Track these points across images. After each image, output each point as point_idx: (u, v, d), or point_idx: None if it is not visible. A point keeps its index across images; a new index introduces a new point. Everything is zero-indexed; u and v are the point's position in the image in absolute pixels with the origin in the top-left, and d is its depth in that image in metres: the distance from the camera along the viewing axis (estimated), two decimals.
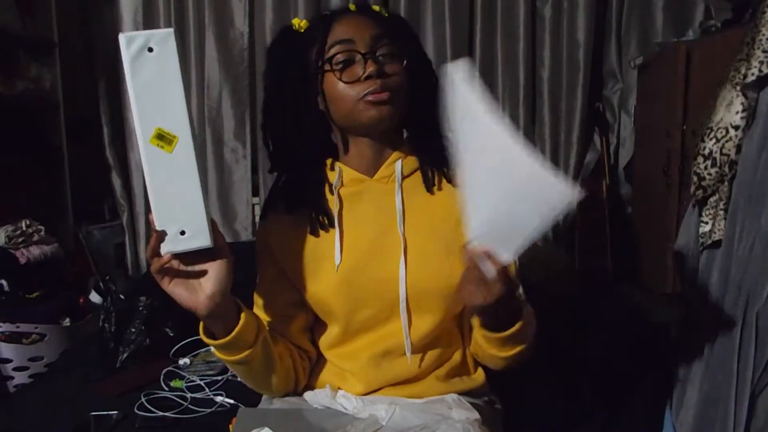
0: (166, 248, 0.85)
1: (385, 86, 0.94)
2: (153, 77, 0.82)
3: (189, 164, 0.84)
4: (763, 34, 1.15)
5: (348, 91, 0.95)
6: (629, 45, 2.49)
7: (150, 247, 0.85)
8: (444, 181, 1.04)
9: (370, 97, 0.94)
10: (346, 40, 0.95)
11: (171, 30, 0.82)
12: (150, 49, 0.81)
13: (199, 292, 0.87)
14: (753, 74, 1.16)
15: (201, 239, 0.86)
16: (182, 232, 0.85)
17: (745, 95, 1.19)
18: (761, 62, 1.15)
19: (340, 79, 0.95)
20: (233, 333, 0.91)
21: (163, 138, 0.83)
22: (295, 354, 1.06)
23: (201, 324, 0.93)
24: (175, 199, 0.85)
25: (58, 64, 2.41)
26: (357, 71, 0.95)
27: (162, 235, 0.84)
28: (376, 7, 1.07)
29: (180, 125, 0.83)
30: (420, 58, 1.03)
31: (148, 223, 2.56)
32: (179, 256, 0.86)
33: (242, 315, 0.93)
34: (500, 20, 2.47)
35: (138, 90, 0.82)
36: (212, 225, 0.87)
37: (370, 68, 0.93)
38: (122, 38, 0.81)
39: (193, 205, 0.85)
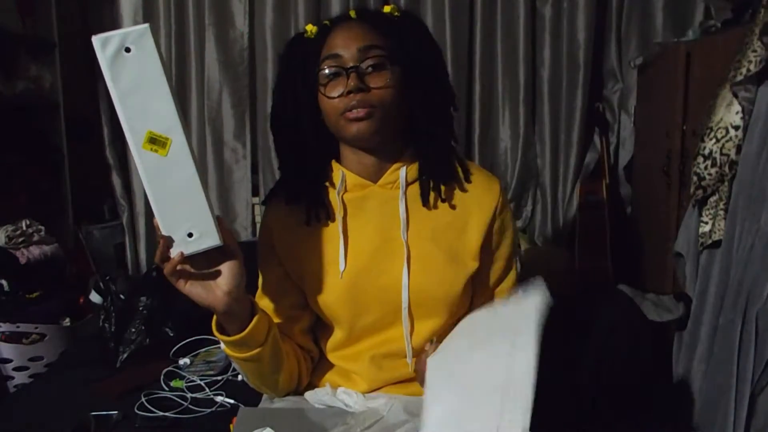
0: (175, 252, 0.84)
1: (366, 101, 0.93)
2: (135, 79, 0.78)
3: (187, 164, 0.82)
4: (755, 34, 1.16)
5: (332, 106, 0.96)
6: (629, 45, 2.49)
7: (158, 253, 0.84)
8: (443, 190, 1.02)
9: (349, 114, 0.94)
10: (334, 55, 0.95)
11: (147, 26, 0.77)
12: (127, 50, 0.77)
13: (215, 289, 0.88)
14: (741, 74, 1.17)
15: (210, 239, 0.85)
16: (190, 235, 0.83)
17: (736, 94, 1.20)
18: (750, 62, 1.16)
19: (325, 95, 0.96)
20: (246, 330, 0.92)
21: (156, 141, 0.80)
22: (299, 353, 1.06)
23: (213, 320, 0.94)
24: (177, 202, 0.83)
25: (58, 64, 2.41)
26: (340, 86, 0.95)
27: (169, 241, 0.83)
28: (388, 8, 1.04)
29: (171, 125, 0.80)
30: (425, 62, 1.00)
31: (148, 223, 2.59)
32: (191, 257, 0.85)
33: (256, 312, 0.93)
34: (500, 20, 2.47)
35: (121, 95, 0.78)
36: (219, 222, 0.85)
37: (351, 83, 0.93)
38: (96, 41, 0.77)
39: (197, 206, 0.83)
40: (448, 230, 1.02)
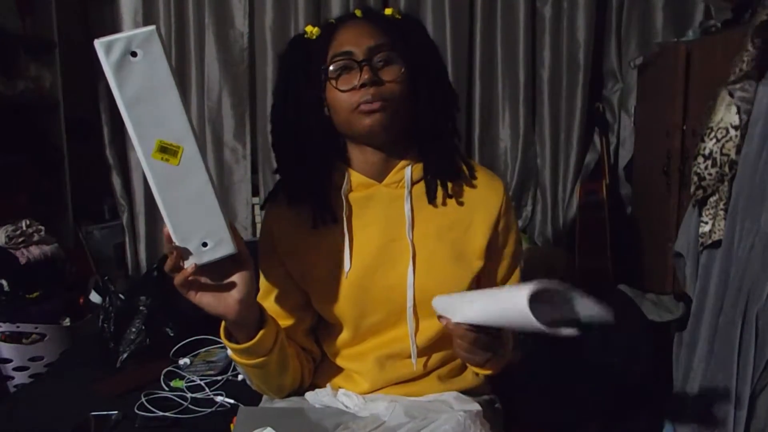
0: (189, 263, 0.81)
1: (379, 94, 0.93)
2: (143, 85, 0.73)
3: (199, 172, 0.78)
4: (748, 35, 1.17)
5: (344, 100, 0.95)
6: (629, 45, 2.49)
7: (170, 263, 0.82)
8: (450, 187, 1.03)
9: (363, 107, 0.93)
10: (345, 52, 0.95)
11: (153, 28, 0.72)
12: (133, 54, 0.72)
13: (227, 297, 0.86)
14: (734, 73, 1.18)
15: (225, 248, 0.82)
16: (204, 244, 0.80)
17: (731, 94, 1.21)
18: (742, 61, 1.17)
19: (337, 88, 0.95)
20: (255, 339, 0.91)
21: (167, 150, 0.76)
22: (302, 355, 1.06)
23: (222, 326, 0.93)
24: (190, 212, 0.79)
25: (58, 64, 2.41)
26: (353, 80, 0.94)
27: (184, 253, 0.81)
28: (389, 10, 1.05)
29: (182, 133, 0.76)
30: (428, 63, 1.01)
31: (149, 223, 2.60)
32: (202, 266, 0.82)
33: (265, 319, 0.93)
34: (500, 20, 2.47)
35: (128, 102, 0.73)
36: (232, 229, 0.82)
37: (365, 76, 0.93)
38: (99, 45, 0.72)
39: (211, 214, 0.80)
40: (453, 229, 1.02)
